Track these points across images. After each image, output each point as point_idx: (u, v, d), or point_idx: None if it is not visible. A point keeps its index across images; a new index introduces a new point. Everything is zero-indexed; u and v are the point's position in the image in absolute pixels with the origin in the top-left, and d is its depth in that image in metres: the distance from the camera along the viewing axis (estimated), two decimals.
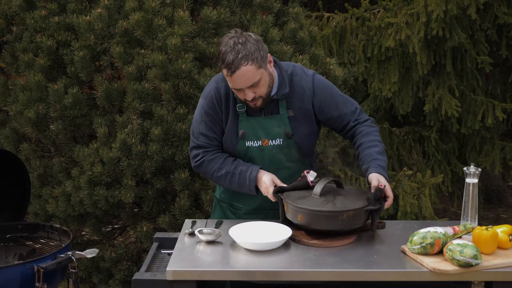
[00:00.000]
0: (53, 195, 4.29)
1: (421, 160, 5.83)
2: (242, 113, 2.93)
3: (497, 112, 5.57)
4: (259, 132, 2.94)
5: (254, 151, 2.96)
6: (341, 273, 2.46)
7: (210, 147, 2.98)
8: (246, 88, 2.78)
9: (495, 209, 7.06)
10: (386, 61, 5.55)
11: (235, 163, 2.94)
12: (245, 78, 2.74)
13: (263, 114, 2.94)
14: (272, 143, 2.95)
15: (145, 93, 3.97)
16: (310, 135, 3.03)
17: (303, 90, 2.95)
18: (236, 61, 2.70)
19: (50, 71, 4.29)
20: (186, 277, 2.48)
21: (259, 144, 2.95)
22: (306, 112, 2.96)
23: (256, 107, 2.88)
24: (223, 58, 2.73)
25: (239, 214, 3.13)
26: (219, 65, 2.81)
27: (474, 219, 2.75)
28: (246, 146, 2.95)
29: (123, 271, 4.22)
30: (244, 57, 2.71)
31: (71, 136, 4.30)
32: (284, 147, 2.96)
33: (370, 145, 2.94)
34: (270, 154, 2.96)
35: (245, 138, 2.94)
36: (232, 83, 2.79)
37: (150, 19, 4.00)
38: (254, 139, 2.94)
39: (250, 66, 2.73)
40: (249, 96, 2.80)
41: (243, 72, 2.72)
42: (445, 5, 5.02)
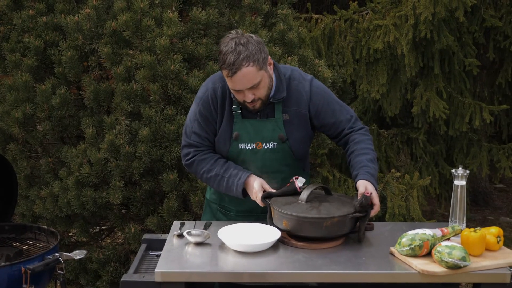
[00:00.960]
0: (41, 196, 4.27)
1: (409, 162, 5.85)
2: (237, 115, 2.91)
3: (484, 114, 5.60)
4: (253, 135, 2.92)
5: (247, 154, 2.94)
6: (330, 275, 2.46)
7: (201, 146, 2.97)
8: (246, 89, 2.76)
9: (482, 211, 7.10)
10: (374, 63, 5.57)
11: (225, 165, 2.93)
12: (246, 80, 2.73)
13: (258, 117, 2.92)
14: (266, 146, 2.93)
15: (133, 94, 3.96)
16: (304, 140, 3.01)
17: (300, 94, 2.94)
18: (238, 62, 2.68)
19: (38, 71, 4.27)
20: (174, 278, 2.47)
21: (252, 147, 2.93)
22: (302, 116, 2.95)
23: (255, 109, 2.87)
24: (223, 59, 2.71)
25: (230, 215, 3.12)
26: (219, 66, 2.78)
27: (462, 221, 2.76)
28: (239, 149, 2.93)
29: (110, 273, 4.20)
30: (246, 58, 2.69)
31: (58, 137, 4.28)
32: (278, 151, 2.95)
33: (361, 153, 2.92)
34: (264, 157, 2.95)
35: (239, 140, 2.92)
36: (232, 84, 2.77)
37: (138, 19, 3.98)
38: (248, 142, 2.93)
39: (251, 68, 2.71)
40: (249, 97, 2.79)
41: (244, 73, 2.71)
42: (433, 7, 5.05)
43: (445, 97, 5.58)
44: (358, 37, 5.55)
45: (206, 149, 2.98)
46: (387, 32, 5.31)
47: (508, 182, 8.15)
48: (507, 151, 5.97)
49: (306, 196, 2.75)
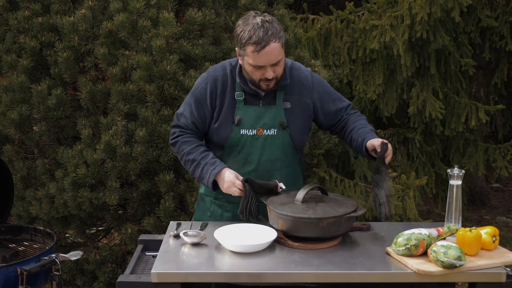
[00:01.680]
0: (37, 197, 4.26)
1: (405, 162, 5.85)
2: (240, 101, 2.96)
3: (480, 114, 5.61)
4: (255, 121, 2.96)
5: (248, 140, 2.97)
6: (326, 274, 2.46)
7: (187, 129, 3.03)
8: (269, 65, 2.83)
9: (478, 211, 7.12)
10: (370, 63, 5.57)
11: (205, 153, 2.98)
12: (273, 55, 2.81)
13: (261, 104, 2.98)
14: (266, 132, 2.97)
15: (129, 95, 3.96)
16: (303, 129, 3.07)
17: (302, 83, 3.03)
18: (266, 38, 2.76)
19: (34, 72, 4.27)
20: (171, 279, 2.47)
21: (253, 133, 2.97)
22: (303, 105, 3.02)
23: (269, 88, 2.92)
24: (250, 35, 2.77)
25: (225, 207, 3.11)
26: (241, 43, 2.83)
27: (458, 220, 2.76)
28: (241, 134, 2.96)
29: (107, 274, 4.20)
30: (273, 35, 2.78)
31: (55, 138, 4.27)
32: (278, 137, 2.98)
33: (362, 127, 3.04)
34: (264, 144, 2.97)
35: (241, 125, 2.96)
36: (257, 60, 2.81)
37: (134, 20, 3.98)
38: (249, 128, 2.96)
39: (278, 44, 2.80)
40: (270, 74, 2.85)
41: (272, 48, 2.78)
42: (429, 8, 5.06)
43: (441, 97, 5.59)
44: (354, 38, 5.55)
45: (192, 133, 3.04)
46: (383, 33, 5.31)
47: (504, 181, 8.17)
48: (503, 150, 5.98)
49: (302, 196, 2.76)
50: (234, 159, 3.01)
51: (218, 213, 3.12)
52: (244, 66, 2.91)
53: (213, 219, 3.11)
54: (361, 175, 5.30)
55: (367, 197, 4.84)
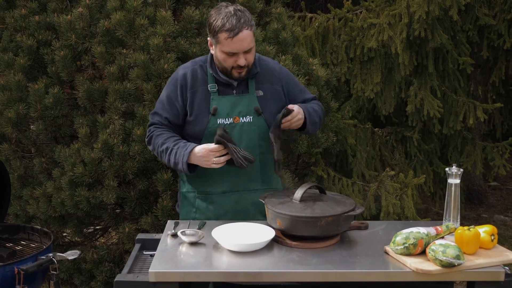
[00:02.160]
0: (34, 196, 4.25)
1: (403, 161, 5.85)
2: (213, 93, 3.05)
3: (478, 112, 5.61)
4: (230, 110, 3.04)
5: (226, 128, 3.00)
6: (324, 274, 2.46)
7: (161, 125, 3.10)
8: (242, 53, 2.94)
9: (476, 209, 7.12)
10: (368, 62, 5.57)
11: (177, 140, 3.03)
12: (246, 42, 2.92)
13: (234, 92, 3.06)
14: (242, 120, 3.05)
15: (127, 93, 3.94)
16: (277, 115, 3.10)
17: (271, 72, 3.16)
18: (239, 25, 2.88)
19: (31, 70, 4.25)
20: (168, 278, 2.46)
21: (230, 122, 3.04)
22: (275, 92, 3.14)
23: (241, 76, 3.02)
24: (223, 22, 2.89)
25: (211, 199, 3.11)
26: (213, 31, 2.93)
27: (457, 219, 2.76)
28: (218, 123, 3.02)
29: (105, 273, 4.19)
30: (245, 22, 2.90)
31: (52, 137, 4.26)
32: (254, 124, 3.06)
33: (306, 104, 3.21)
34: (241, 131, 3.04)
35: (217, 115, 3.02)
36: (230, 47, 2.91)
37: (132, 18, 3.97)
38: (226, 117, 3.03)
39: (250, 31, 2.93)
40: (242, 61, 2.95)
41: (244, 35, 2.90)
42: (427, 6, 5.05)
43: (439, 95, 5.59)
44: (352, 36, 5.55)
45: (165, 128, 3.10)
46: (381, 31, 5.31)
47: (502, 180, 8.17)
48: (501, 149, 5.99)
49: (300, 195, 2.76)
50: None
51: (203, 207, 3.13)
52: (217, 54, 3.00)
53: (200, 214, 3.13)
54: (359, 174, 5.30)
55: (365, 195, 4.84)
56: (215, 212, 3.10)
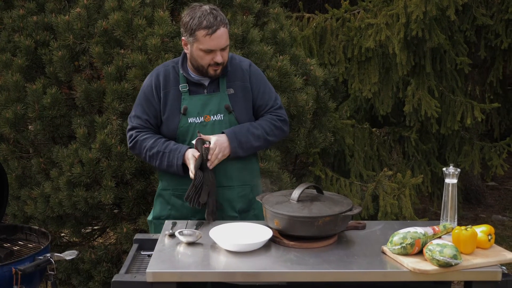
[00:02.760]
0: (32, 196, 4.25)
1: (401, 161, 5.86)
2: (184, 92, 3.08)
3: (476, 112, 5.62)
4: (201, 109, 3.07)
5: (197, 127, 3.06)
6: (322, 273, 2.46)
7: (143, 128, 3.12)
8: (219, 50, 2.97)
9: (474, 209, 7.12)
10: (366, 62, 5.58)
11: (166, 143, 3.07)
12: (223, 39, 2.97)
13: (205, 92, 3.09)
14: (213, 118, 3.07)
15: (124, 94, 3.95)
16: (248, 112, 3.16)
17: (242, 70, 3.16)
18: (216, 23, 2.94)
19: (29, 71, 4.25)
20: (166, 278, 2.46)
21: (201, 120, 3.07)
22: (246, 89, 3.15)
23: (217, 74, 3.05)
24: (200, 21, 2.93)
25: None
26: (189, 30, 2.96)
27: (454, 219, 2.76)
28: (189, 123, 3.06)
29: (102, 273, 4.19)
30: (222, 21, 2.97)
31: (49, 137, 4.26)
32: (225, 122, 3.08)
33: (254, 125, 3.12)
34: (212, 129, 3.06)
35: (188, 114, 3.06)
36: (208, 44, 2.95)
37: (129, 19, 3.97)
38: (196, 116, 3.07)
39: (226, 29, 2.99)
40: (219, 58, 2.98)
41: (222, 32, 2.96)
42: (425, 6, 5.06)
43: (436, 95, 5.60)
44: (349, 36, 5.55)
45: (147, 130, 3.12)
46: (379, 31, 5.32)
47: (500, 180, 8.18)
48: (499, 149, 6.00)
49: (297, 195, 2.76)
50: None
51: (178, 204, 3.14)
52: (193, 53, 3.02)
53: (175, 211, 3.16)
54: (357, 174, 5.31)
55: (363, 195, 4.85)
56: (190, 209, 3.10)
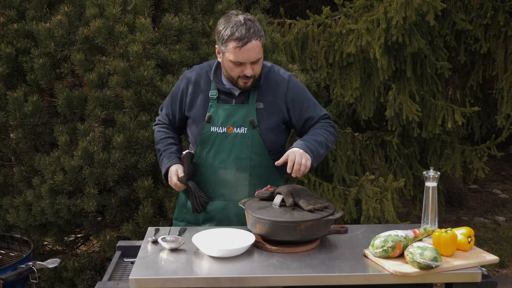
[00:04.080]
0: (14, 205, 4.22)
1: (383, 165, 5.90)
2: (213, 99, 3.05)
3: (456, 116, 5.67)
4: (225, 119, 3.03)
5: (218, 137, 3.04)
6: (304, 277, 2.48)
7: (163, 119, 3.28)
8: (250, 63, 2.91)
9: (457, 212, 7.19)
10: (347, 67, 5.61)
11: (168, 146, 3.19)
12: (254, 52, 2.90)
13: (233, 102, 3.04)
14: (236, 131, 3.03)
15: (106, 101, 3.94)
16: (275, 130, 3.09)
17: (277, 85, 3.08)
18: (248, 35, 2.86)
19: (10, 79, 4.23)
20: (149, 285, 2.46)
21: (224, 131, 3.03)
22: (276, 106, 3.06)
23: (246, 86, 2.99)
24: (232, 31, 2.86)
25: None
26: (221, 40, 2.92)
27: (434, 222, 2.80)
28: (211, 131, 3.04)
29: (86, 281, 4.17)
30: (255, 33, 2.88)
31: (31, 145, 4.24)
32: (248, 136, 3.03)
33: (311, 133, 3.09)
34: (234, 142, 3.03)
35: (211, 122, 3.03)
36: (238, 56, 2.89)
37: (111, 26, 3.97)
38: (220, 125, 3.04)
39: (259, 42, 2.90)
40: (249, 72, 2.92)
41: (253, 45, 2.88)
42: (404, 11, 5.11)
43: (417, 100, 5.64)
44: (331, 42, 5.59)
45: (166, 125, 3.27)
46: (360, 36, 5.36)
47: (482, 183, 8.26)
48: (480, 152, 6.05)
49: (279, 200, 2.77)
50: (207, 155, 3.08)
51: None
52: (224, 62, 2.98)
53: (190, 216, 3.21)
54: (340, 178, 5.33)
55: (345, 200, 4.87)
56: (202, 216, 3.14)
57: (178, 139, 3.29)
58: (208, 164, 3.08)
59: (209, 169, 3.08)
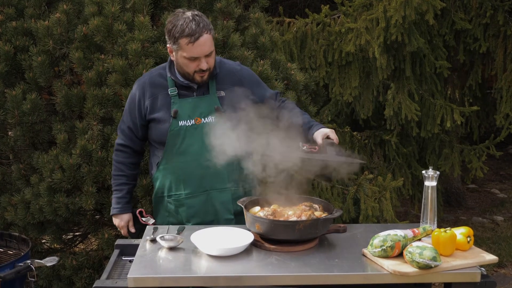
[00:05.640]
0: (12, 203, 4.22)
1: (382, 164, 5.90)
2: (174, 96, 3.09)
3: (455, 116, 5.67)
4: (192, 111, 3.07)
5: (188, 131, 3.06)
6: (303, 277, 2.47)
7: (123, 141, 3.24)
8: (204, 57, 2.97)
9: (455, 211, 7.18)
10: (346, 66, 5.61)
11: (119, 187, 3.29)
12: (206, 46, 2.95)
13: (195, 94, 3.09)
14: (204, 120, 3.07)
15: (105, 99, 3.93)
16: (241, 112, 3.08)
17: (232, 73, 3.18)
18: (199, 30, 2.91)
19: (8, 76, 4.22)
20: (147, 283, 2.46)
21: (192, 123, 3.07)
22: (238, 91, 3.10)
23: (203, 80, 3.05)
24: (182, 28, 2.92)
25: (180, 201, 3.16)
26: (172, 38, 2.96)
27: (433, 221, 2.79)
28: (179, 126, 3.06)
29: (84, 279, 4.17)
30: (205, 27, 2.94)
31: (30, 143, 4.23)
32: (217, 123, 3.03)
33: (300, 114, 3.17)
34: (203, 132, 3.03)
35: (178, 117, 3.05)
36: (192, 51, 2.94)
37: (110, 24, 3.96)
38: (187, 119, 3.07)
39: (210, 35, 2.96)
40: (204, 65, 2.98)
41: (205, 39, 2.94)
42: (404, 10, 5.10)
43: (416, 99, 5.64)
44: (330, 40, 5.58)
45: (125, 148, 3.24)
46: (359, 35, 5.35)
47: (480, 182, 8.26)
48: (478, 152, 6.05)
49: None
50: (177, 152, 3.08)
51: (173, 209, 3.19)
52: (178, 60, 3.02)
53: (172, 218, 3.21)
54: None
55: (344, 199, 4.87)
56: (185, 214, 3.15)
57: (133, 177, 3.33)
58: (182, 159, 3.09)
59: (184, 164, 3.09)
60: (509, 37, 5.97)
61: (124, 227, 3.29)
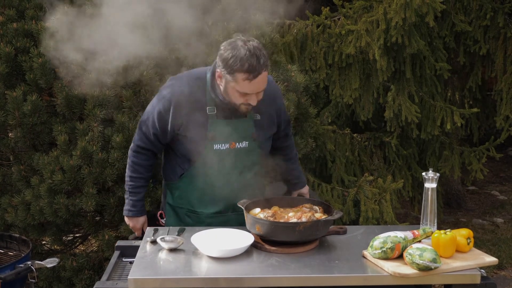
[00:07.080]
0: (12, 204, 4.22)
1: (382, 166, 5.90)
2: (212, 116, 2.94)
3: (455, 117, 5.67)
4: (228, 135, 2.96)
5: (221, 154, 2.98)
6: (303, 278, 2.48)
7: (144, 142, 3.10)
8: (257, 93, 2.83)
9: (455, 213, 7.18)
10: (346, 68, 5.61)
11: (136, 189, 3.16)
12: (262, 84, 2.81)
13: (232, 117, 2.96)
14: (238, 145, 2.99)
15: (106, 100, 3.94)
16: (269, 140, 3.14)
17: (274, 97, 3.07)
18: (259, 67, 2.75)
19: (9, 78, 4.22)
20: (148, 285, 2.46)
21: (227, 147, 2.97)
22: (271, 117, 3.07)
23: (248, 110, 2.92)
24: (242, 63, 2.73)
25: (199, 218, 3.13)
26: (228, 68, 2.78)
27: (433, 223, 2.79)
28: (214, 149, 2.97)
29: (84, 280, 4.17)
30: (264, 64, 2.78)
31: (30, 144, 4.23)
32: (250, 150, 3.02)
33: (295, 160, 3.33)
34: (236, 157, 2.99)
35: (214, 141, 2.95)
36: (247, 88, 2.79)
37: None
38: (222, 142, 2.96)
39: (266, 72, 2.81)
40: (254, 102, 2.85)
41: (263, 77, 2.79)
42: (404, 13, 5.11)
43: (417, 101, 5.65)
44: (330, 42, 5.58)
45: (145, 150, 3.11)
46: (359, 37, 5.36)
47: (480, 184, 8.25)
48: (478, 153, 6.05)
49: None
50: (207, 174, 3.01)
51: (190, 223, 3.15)
52: (228, 89, 2.85)
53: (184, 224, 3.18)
54: (338, 179, 5.33)
55: (344, 201, 4.87)
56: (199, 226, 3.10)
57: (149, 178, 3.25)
58: (210, 181, 3.02)
59: (211, 186, 3.02)
60: (509, 39, 5.98)
61: (139, 229, 3.23)
